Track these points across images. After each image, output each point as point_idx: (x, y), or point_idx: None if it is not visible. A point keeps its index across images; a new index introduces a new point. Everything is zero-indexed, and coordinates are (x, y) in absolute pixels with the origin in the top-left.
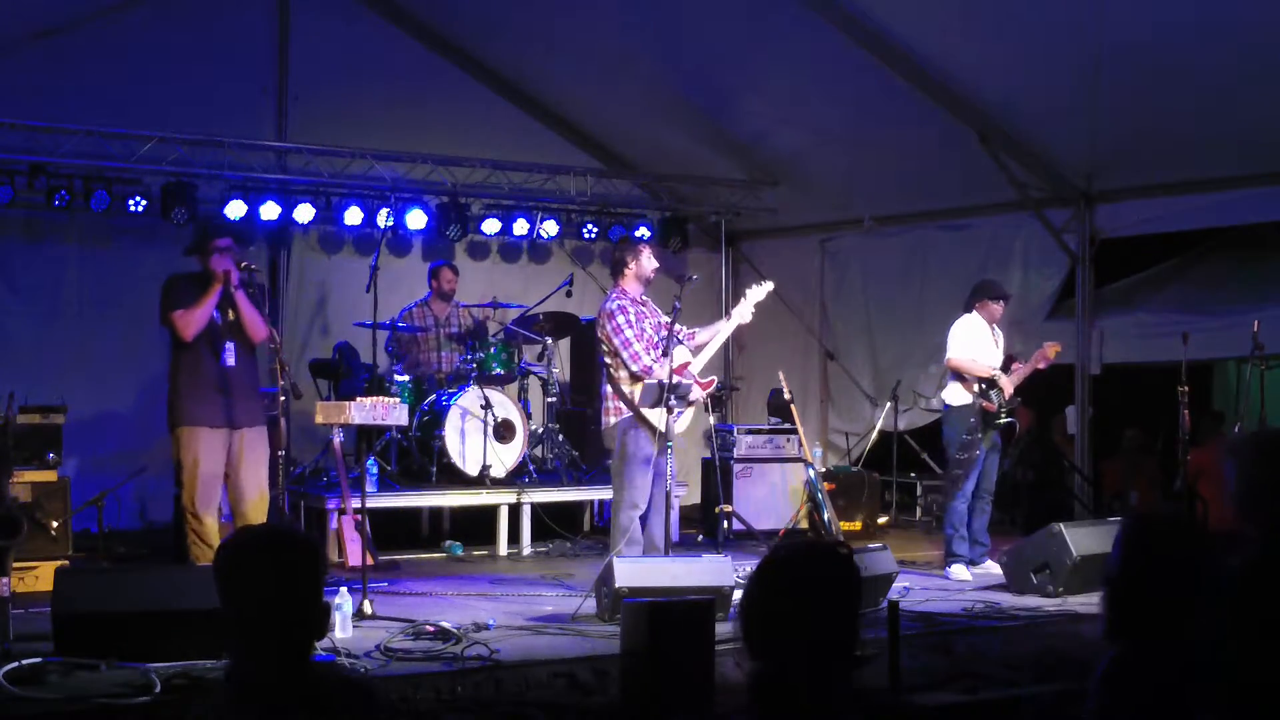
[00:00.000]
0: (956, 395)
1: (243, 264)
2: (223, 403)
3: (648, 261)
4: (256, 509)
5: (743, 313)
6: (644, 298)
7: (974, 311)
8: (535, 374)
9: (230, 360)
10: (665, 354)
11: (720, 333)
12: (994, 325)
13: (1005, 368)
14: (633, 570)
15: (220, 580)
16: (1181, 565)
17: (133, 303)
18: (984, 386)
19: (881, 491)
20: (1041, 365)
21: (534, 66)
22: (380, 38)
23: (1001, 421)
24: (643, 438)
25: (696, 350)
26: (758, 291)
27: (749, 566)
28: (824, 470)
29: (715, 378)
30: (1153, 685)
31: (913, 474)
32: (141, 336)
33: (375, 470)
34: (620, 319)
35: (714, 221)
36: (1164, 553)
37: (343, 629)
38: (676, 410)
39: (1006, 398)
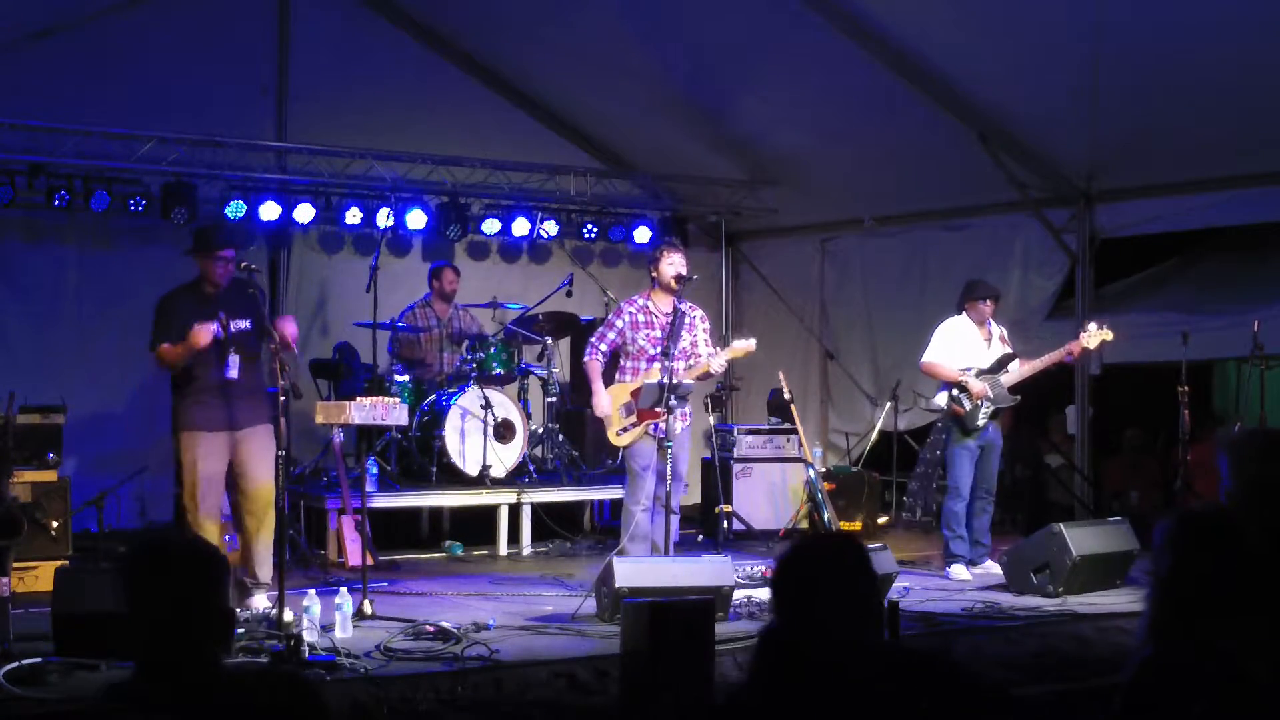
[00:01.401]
0: (941, 398)
1: (242, 264)
2: (224, 408)
3: (667, 267)
4: (259, 509)
5: (717, 362)
6: (671, 306)
7: (963, 313)
8: (535, 374)
9: (232, 373)
10: (664, 355)
11: (695, 370)
12: (988, 324)
13: (1002, 366)
14: (633, 570)
15: (132, 584)
16: (1233, 566)
17: (133, 303)
18: (954, 391)
19: (881, 491)
20: (1068, 358)
21: (534, 66)
22: (380, 38)
23: (980, 424)
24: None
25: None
26: (739, 346)
27: (749, 566)
28: (824, 470)
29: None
30: (1190, 686)
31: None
32: (141, 336)
33: (375, 470)
34: (612, 317)
35: (714, 221)
36: (1218, 553)
37: (343, 629)
38: (678, 410)
39: (977, 400)
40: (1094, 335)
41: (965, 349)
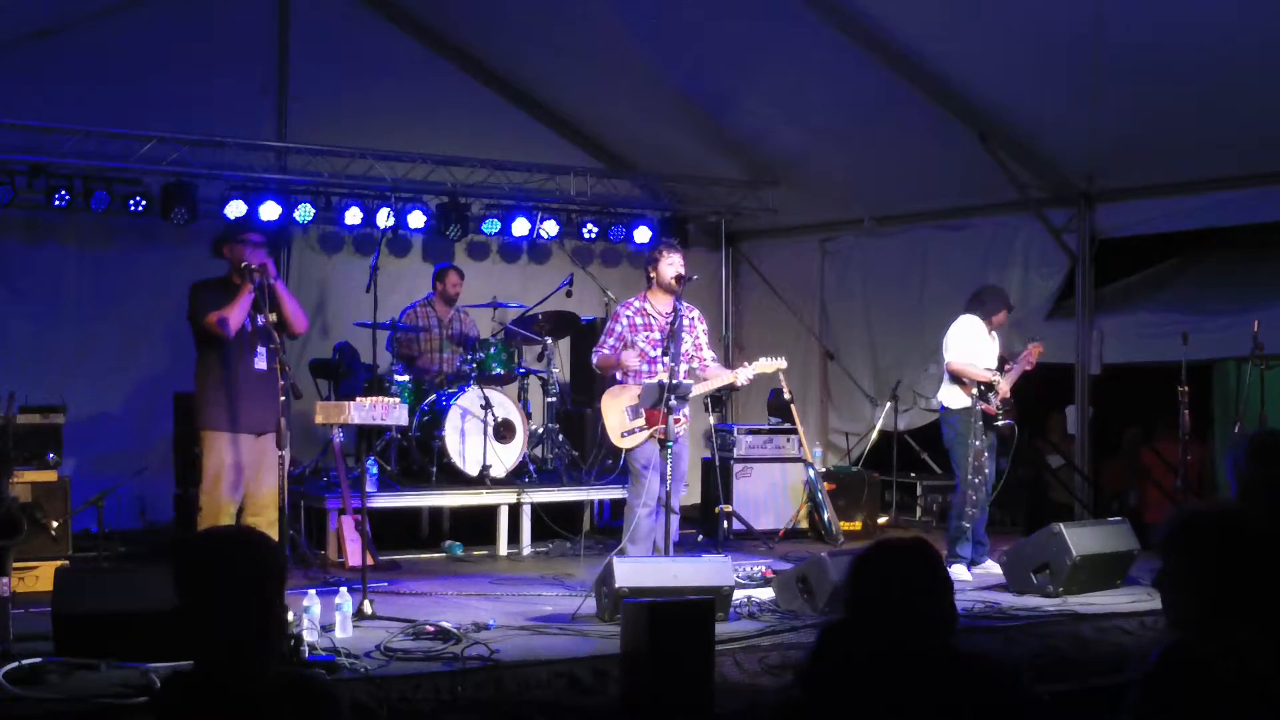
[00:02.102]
0: (954, 398)
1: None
2: (248, 407)
3: (666, 268)
4: (265, 508)
5: (744, 374)
6: (671, 306)
7: (975, 314)
8: (535, 374)
9: (261, 364)
10: (665, 354)
11: (718, 381)
12: (992, 329)
13: (1000, 369)
14: (633, 570)
15: (189, 579)
16: (1240, 564)
17: (132, 303)
18: (983, 389)
19: (881, 491)
20: (1028, 367)
21: (534, 66)
22: (380, 38)
23: (1000, 424)
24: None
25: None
26: (767, 363)
27: (749, 566)
28: (824, 470)
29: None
30: (1201, 682)
31: (913, 474)
32: (141, 337)
33: (375, 470)
34: (610, 323)
35: (714, 221)
36: (1226, 551)
37: (343, 629)
38: (676, 409)
39: (1001, 400)
40: (1034, 348)
41: (979, 349)
